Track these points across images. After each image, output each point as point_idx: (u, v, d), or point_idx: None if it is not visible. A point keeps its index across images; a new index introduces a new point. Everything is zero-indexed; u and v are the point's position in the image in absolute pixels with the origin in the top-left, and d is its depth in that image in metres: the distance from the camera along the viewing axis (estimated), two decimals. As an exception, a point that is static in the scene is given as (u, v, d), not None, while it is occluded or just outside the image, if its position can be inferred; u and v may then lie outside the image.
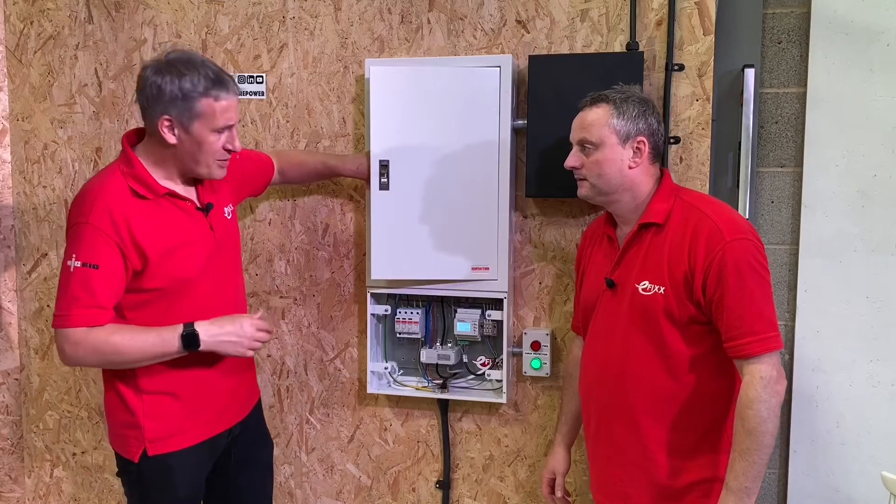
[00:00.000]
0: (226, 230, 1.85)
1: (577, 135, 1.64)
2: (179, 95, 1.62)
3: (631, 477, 1.62)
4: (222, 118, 1.66)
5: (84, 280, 1.61)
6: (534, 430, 2.14)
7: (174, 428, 1.76)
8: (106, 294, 1.63)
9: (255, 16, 2.20)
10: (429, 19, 2.09)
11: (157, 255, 1.67)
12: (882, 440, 2.08)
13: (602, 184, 1.61)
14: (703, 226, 1.52)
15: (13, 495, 2.53)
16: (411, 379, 2.19)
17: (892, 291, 2.06)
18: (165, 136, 1.65)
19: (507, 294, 2.03)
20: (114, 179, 1.68)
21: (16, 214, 2.45)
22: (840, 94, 2.04)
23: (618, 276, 1.63)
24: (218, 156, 1.69)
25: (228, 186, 1.89)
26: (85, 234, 1.62)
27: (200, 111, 1.63)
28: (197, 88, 1.62)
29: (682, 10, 1.92)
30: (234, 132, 1.71)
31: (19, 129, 2.41)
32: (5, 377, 2.49)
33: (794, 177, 2.11)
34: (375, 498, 2.28)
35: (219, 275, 1.80)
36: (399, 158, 2.03)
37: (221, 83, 1.66)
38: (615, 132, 1.59)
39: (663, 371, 1.56)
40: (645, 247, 1.59)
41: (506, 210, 2.00)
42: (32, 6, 2.36)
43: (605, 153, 1.59)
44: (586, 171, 1.63)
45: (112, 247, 1.62)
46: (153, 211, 1.68)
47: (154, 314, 1.71)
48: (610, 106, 1.60)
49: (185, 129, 1.65)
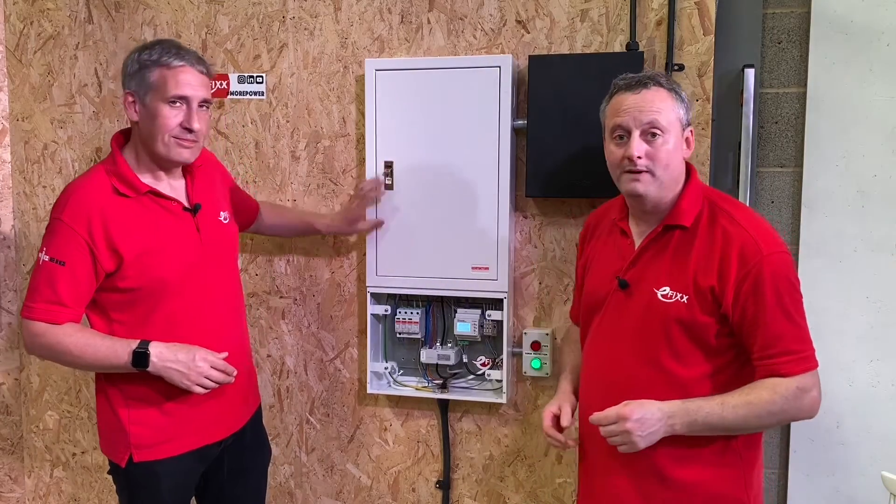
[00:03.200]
0: (218, 234, 1.80)
1: (644, 117, 1.41)
2: (137, 67, 1.64)
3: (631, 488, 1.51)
4: (174, 87, 1.62)
5: (49, 275, 1.62)
6: (534, 430, 2.14)
7: (160, 436, 1.72)
8: (69, 292, 1.62)
9: (255, 16, 2.20)
10: (429, 19, 2.09)
11: (133, 255, 1.64)
12: (882, 440, 2.08)
13: (666, 177, 1.43)
14: (736, 236, 1.40)
15: (13, 495, 2.54)
16: (411, 379, 2.19)
17: (892, 291, 2.06)
18: (129, 114, 1.66)
19: (507, 294, 2.03)
20: (97, 177, 1.67)
21: (16, 214, 2.45)
22: (840, 94, 2.04)
23: (632, 276, 1.49)
24: (173, 132, 1.63)
25: (224, 192, 1.88)
26: (57, 230, 1.62)
27: (153, 81, 1.62)
28: (151, 57, 1.63)
29: (682, 10, 1.92)
30: (195, 109, 1.65)
31: (19, 129, 2.42)
32: (5, 377, 2.49)
33: (794, 177, 2.11)
34: (375, 498, 2.29)
35: (207, 279, 1.75)
36: (399, 158, 2.04)
37: (178, 55, 1.64)
38: (679, 119, 1.43)
39: (673, 381, 1.44)
40: (668, 250, 1.46)
41: (506, 210, 2.00)
42: (32, 6, 2.36)
43: (674, 141, 1.42)
44: (653, 163, 1.41)
45: (81, 246, 1.61)
46: (134, 210, 1.66)
47: (136, 316, 1.68)
48: (664, 89, 1.43)
49: (143, 102, 1.64)
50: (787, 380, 1.39)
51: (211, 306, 1.76)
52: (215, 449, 1.82)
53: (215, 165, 1.93)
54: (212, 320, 1.76)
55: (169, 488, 1.76)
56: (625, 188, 1.47)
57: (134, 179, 1.67)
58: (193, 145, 1.68)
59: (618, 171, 1.47)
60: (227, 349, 1.76)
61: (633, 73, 1.48)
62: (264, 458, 2.01)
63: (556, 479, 2.14)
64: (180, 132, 1.65)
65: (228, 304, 1.82)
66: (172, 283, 1.69)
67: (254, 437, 1.93)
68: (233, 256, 1.89)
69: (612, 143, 1.48)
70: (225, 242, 1.84)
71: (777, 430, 2.17)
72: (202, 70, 1.67)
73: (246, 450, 1.90)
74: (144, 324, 1.68)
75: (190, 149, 1.68)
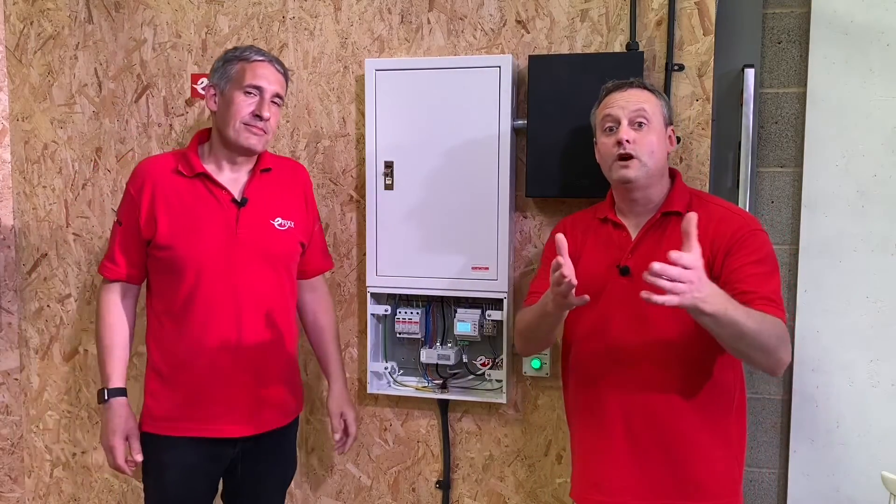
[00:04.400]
0: (262, 235, 1.81)
1: (632, 107, 1.58)
2: (221, 63, 1.80)
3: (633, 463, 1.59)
4: (251, 77, 1.75)
5: (113, 234, 1.87)
6: (534, 430, 2.14)
7: (163, 412, 1.81)
8: (120, 250, 1.82)
9: (255, 16, 2.20)
10: (429, 19, 2.09)
11: (167, 226, 1.76)
12: (882, 440, 2.08)
13: (652, 164, 1.57)
14: (725, 216, 1.57)
15: (13, 495, 2.54)
16: (411, 379, 2.19)
17: (892, 291, 2.06)
18: (209, 105, 1.81)
19: (507, 294, 2.03)
20: (166, 156, 1.86)
21: (16, 214, 2.45)
22: (840, 94, 2.04)
23: (634, 263, 1.59)
24: (244, 118, 1.75)
25: (298, 206, 1.90)
26: (124, 194, 1.85)
27: (233, 73, 1.77)
28: (235, 54, 1.80)
29: (682, 10, 1.92)
30: (266, 101, 1.77)
31: (19, 129, 2.42)
32: (5, 377, 2.49)
33: (794, 177, 2.11)
34: (375, 498, 2.29)
35: (235, 275, 1.77)
36: (399, 158, 2.04)
37: (260, 52, 1.80)
38: (662, 115, 1.61)
39: (680, 358, 1.55)
40: (666, 235, 1.58)
41: (506, 210, 2.00)
42: (32, 6, 2.36)
43: (658, 132, 1.59)
44: (639, 149, 1.56)
45: (134, 208, 1.79)
46: (184, 188, 1.79)
47: (165, 288, 1.80)
48: (647, 90, 1.61)
49: (221, 92, 1.79)
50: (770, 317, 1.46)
51: (231, 301, 1.78)
52: (230, 449, 1.82)
53: (302, 180, 1.96)
54: (229, 315, 1.78)
55: (175, 477, 1.80)
56: (616, 175, 1.59)
57: (194, 161, 1.80)
58: (262, 134, 1.78)
59: (609, 161, 1.60)
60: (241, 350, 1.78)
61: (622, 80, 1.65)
62: (285, 471, 1.99)
63: (556, 479, 2.14)
64: (251, 119, 1.76)
65: (255, 305, 1.80)
66: (193, 264, 1.76)
67: (276, 447, 1.92)
68: (277, 263, 1.84)
69: (602, 135, 1.63)
70: (269, 246, 1.82)
71: (777, 430, 2.17)
72: (279, 69, 1.82)
73: (265, 456, 1.89)
74: (171, 300, 1.79)
75: (258, 136, 1.78)
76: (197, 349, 1.77)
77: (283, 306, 1.88)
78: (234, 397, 1.80)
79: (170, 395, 1.80)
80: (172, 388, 1.80)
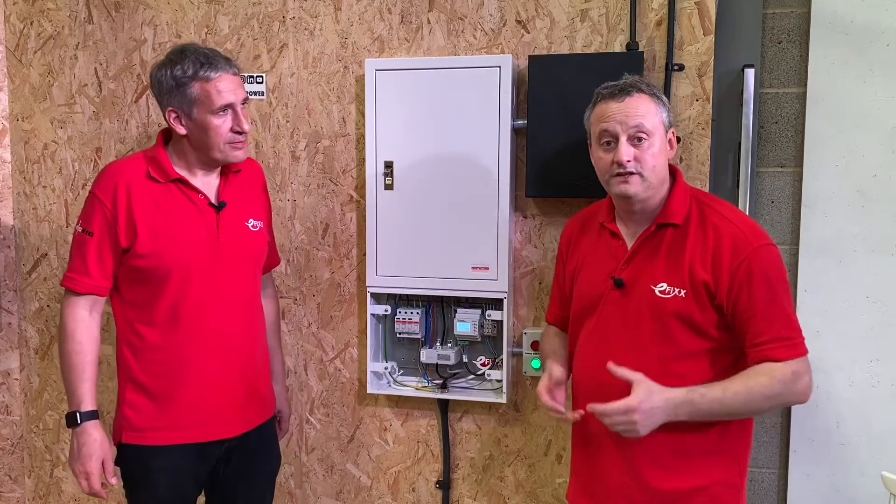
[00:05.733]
0: (240, 237, 1.81)
1: (631, 122, 1.48)
2: (174, 84, 1.68)
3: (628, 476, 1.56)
4: (218, 98, 1.67)
5: (80, 245, 1.74)
6: (534, 430, 2.14)
7: (149, 423, 1.76)
8: (94, 262, 1.72)
9: (255, 16, 2.20)
10: (429, 19, 2.09)
11: (147, 234, 1.70)
12: (882, 440, 2.08)
13: (654, 178, 1.50)
14: (727, 230, 1.48)
15: (13, 495, 2.54)
16: (411, 379, 2.19)
17: (892, 291, 2.06)
18: (175, 128, 1.71)
19: (507, 294, 2.03)
20: (135, 160, 1.78)
21: (16, 214, 2.45)
22: (840, 94, 2.04)
23: (627, 275, 1.54)
24: (227, 139, 1.71)
25: (261, 203, 1.90)
26: (89, 202, 1.74)
27: (195, 96, 1.67)
28: (187, 74, 1.67)
29: (682, 10, 1.92)
30: (240, 111, 1.71)
31: (19, 129, 2.42)
32: (5, 377, 2.49)
33: (794, 177, 2.11)
34: (375, 498, 2.29)
35: (217, 278, 1.76)
36: (399, 159, 2.04)
37: (210, 64, 1.68)
38: (662, 122, 1.51)
39: (671, 374, 1.48)
40: (662, 247, 1.52)
41: (506, 210, 2.00)
42: (32, 6, 2.36)
43: (659, 144, 1.50)
44: (640, 165, 1.48)
45: (107, 217, 1.70)
46: (160, 194, 1.73)
47: (144, 299, 1.74)
48: (646, 94, 1.51)
49: (189, 116, 1.70)
50: (783, 364, 1.44)
51: (216, 306, 1.77)
52: (216, 448, 1.82)
53: (259, 178, 1.96)
54: (215, 320, 1.76)
55: (165, 484, 1.78)
56: (615, 191, 1.53)
57: (167, 167, 1.74)
58: (245, 145, 1.76)
59: (607, 176, 1.54)
60: (226, 352, 1.78)
61: (615, 82, 1.54)
62: (272, 464, 1.99)
63: (557, 479, 2.14)
64: (232, 136, 1.72)
65: (237, 307, 1.81)
66: (178, 271, 1.72)
67: (262, 442, 1.91)
68: (253, 264, 1.87)
69: (599, 149, 1.55)
70: (246, 248, 1.84)
71: (777, 429, 2.17)
72: (234, 71, 1.73)
73: (251, 454, 1.89)
74: (151, 309, 1.74)
75: (243, 149, 1.75)
76: (185, 357, 1.75)
77: (258, 305, 1.91)
78: (224, 400, 1.79)
79: (154, 405, 1.75)
80: (157, 399, 1.75)
